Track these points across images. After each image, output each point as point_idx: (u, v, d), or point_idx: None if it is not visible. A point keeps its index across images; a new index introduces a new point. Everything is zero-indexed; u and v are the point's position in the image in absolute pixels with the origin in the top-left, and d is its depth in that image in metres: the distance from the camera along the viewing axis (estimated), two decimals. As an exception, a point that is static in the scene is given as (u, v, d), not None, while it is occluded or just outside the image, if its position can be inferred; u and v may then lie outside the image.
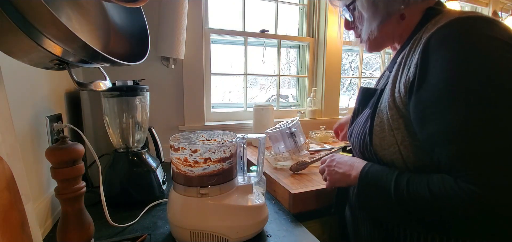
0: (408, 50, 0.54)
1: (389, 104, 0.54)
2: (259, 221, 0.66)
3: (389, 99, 0.54)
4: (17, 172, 0.42)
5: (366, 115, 0.62)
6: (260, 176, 0.71)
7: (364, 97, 0.67)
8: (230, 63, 1.57)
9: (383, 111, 0.55)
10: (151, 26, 0.58)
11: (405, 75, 0.52)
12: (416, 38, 0.54)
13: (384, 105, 0.55)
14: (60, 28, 0.33)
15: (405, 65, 0.53)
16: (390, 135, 0.53)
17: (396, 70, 0.55)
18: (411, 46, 0.54)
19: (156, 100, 1.24)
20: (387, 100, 0.54)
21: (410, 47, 0.54)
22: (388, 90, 0.55)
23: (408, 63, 0.52)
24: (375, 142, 0.56)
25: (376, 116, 0.57)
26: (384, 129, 0.55)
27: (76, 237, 0.54)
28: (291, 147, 1.01)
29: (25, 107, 0.64)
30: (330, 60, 1.61)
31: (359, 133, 0.62)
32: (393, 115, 0.53)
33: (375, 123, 0.57)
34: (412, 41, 0.54)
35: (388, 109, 0.54)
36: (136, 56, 0.54)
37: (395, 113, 0.53)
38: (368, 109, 0.62)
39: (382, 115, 0.55)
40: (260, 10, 1.57)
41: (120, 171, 0.81)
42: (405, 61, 0.54)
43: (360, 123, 0.63)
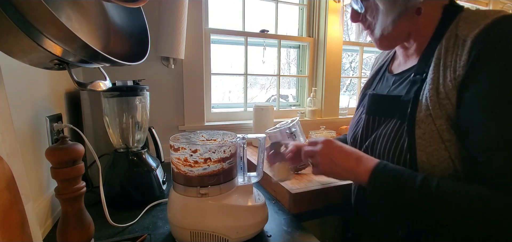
0: (444, 50, 0.50)
1: (435, 113, 0.48)
2: (259, 221, 0.66)
3: (435, 106, 0.48)
4: (17, 172, 0.42)
5: (393, 127, 0.55)
6: (260, 175, 0.71)
7: (380, 106, 0.61)
8: (230, 63, 1.57)
9: (425, 121, 0.49)
10: (151, 26, 0.58)
11: (451, 77, 0.47)
12: (449, 35, 0.50)
13: (425, 114, 0.49)
14: (60, 28, 0.33)
15: (447, 66, 0.48)
16: (441, 148, 0.47)
17: (434, 72, 0.50)
18: (447, 45, 0.49)
19: (156, 100, 1.24)
20: (432, 108, 0.48)
21: (446, 46, 0.49)
22: (428, 97, 0.49)
23: (451, 64, 0.48)
24: (421, 158, 0.49)
25: (417, 128, 0.50)
26: (431, 142, 0.48)
27: (76, 237, 0.54)
28: (291, 147, 1.01)
29: (25, 107, 0.64)
30: (330, 60, 1.61)
31: (390, 148, 0.54)
32: (442, 125, 0.47)
33: (417, 135, 0.49)
34: (445, 39, 0.50)
35: (434, 118, 0.48)
36: (136, 56, 0.54)
37: (444, 122, 0.47)
38: (394, 120, 0.55)
39: (426, 126, 0.49)
40: (260, 10, 1.57)
41: (120, 171, 0.81)
42: (445, 61, 0.49)
43: (385, 136, 0.56)
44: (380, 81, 0.69)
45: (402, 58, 0.64)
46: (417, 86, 0.53)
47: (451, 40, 0.49)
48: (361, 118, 0.66)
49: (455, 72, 0.47)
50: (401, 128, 0.53)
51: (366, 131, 0.63)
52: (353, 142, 0.67)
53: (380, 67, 0.73)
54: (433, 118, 0.48)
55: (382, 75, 0.70)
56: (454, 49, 0.48)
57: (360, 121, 0.67)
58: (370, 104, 0.64)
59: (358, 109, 0.73)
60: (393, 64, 0.69)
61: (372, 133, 0.61)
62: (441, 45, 0.51)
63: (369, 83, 0.74)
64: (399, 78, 0.61)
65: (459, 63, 0.46)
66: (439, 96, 0.48)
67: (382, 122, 0.59)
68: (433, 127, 0.48)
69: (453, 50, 0.48)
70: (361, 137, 0.64)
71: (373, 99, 0.64)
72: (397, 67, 0.66)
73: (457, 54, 0.47)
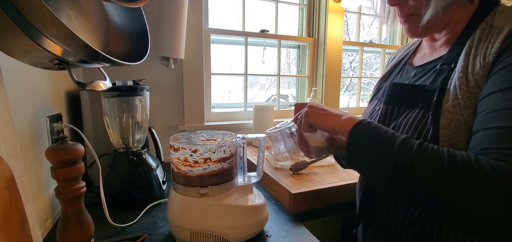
0: (477, 38, 0.48)
1: (465, 102, 0.45)
2: (259, 221, 0.66)
3: (464, 95, 0.46)
4: (17, 172, 0.42)
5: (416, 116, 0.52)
6: (260, 175, 0.71)
7: (402, 95, 0.58)
8: (230, 63, 1.57)
9: (453, 111, 0.46)
10: (151, 26, 0.58)
11: (481, 64, 0.45)
12: (484, 26, 0.48)
13: (452, 103, 0.47)
14: (60, 28, 0.33)
15: (478, 54, 0.46)
16: (466, 139, 0.45)
17: (465, 60, 0.48)
18: (481, 35, 0.48)
19: (156, 100, 1.24)
20: (461, 97, 0.46)
21: (480, 36, 0.48)
22: (457, 85, 0.47)
23: (482, 52, 0.46)
24: None
25: (442, 118, 0.47)
26: (457, 133, 0.45)
27: (76, 237, 0.54)
28: (291, 147, 1.01)
29: (25, 107, 0.64)
30: (330, 60, 1.61)
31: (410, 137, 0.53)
32: (470, 116, 0.45)
33: (441, 126, 0.47)
34: (479, 29, 0.48)
35: (462, 108, 0.45)
36: (136, 56, 0.54)
37: (472, 112, 0.45)
38: (416, 109, 0.53)
39: (452, 116, 0.46)
40: (260, 10, 1.57)
41: (120, 171, 0.81)
42: (476, 49, 0.47)
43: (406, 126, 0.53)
44: (399, 74, 0.66)
45: (428, 50, 0.61)
46: (444, 76, 0.50)
47: (486, 30, 0.48)
48: (376, 110, 0.63)
49: (485, 59, 0.45)
50: (425, 117, 0.50)
51: (383, 120, 0.59)
52: None
53: (399, 61, 0.70)
54: (462, 108, 0.45)
55: (401, 68, 0.67)
56: (488, 38, 0.47)
57: (374, 112, 0.64)
58: (389, 94, 0.60)
59: (371, 102, 0.70)
60: (415, 57, 0.66)
61: (391, 122, 0.57)
62: (474, 35, 0.49)
63: (386, 77, 0.70)
64: (422, 70, 0.58)
65: (490, 50, 0.45)
66: (468, 84, 0.46)
67: (402, 112, 0.56)
68: (460, 117, 0.45)
69: (486, 39, 0.47)
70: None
71: (394, 88, 0.60)
72: (420, 60, 0.63)
73: (490, 42, 0.46)
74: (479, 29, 0.49)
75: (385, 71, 0.72)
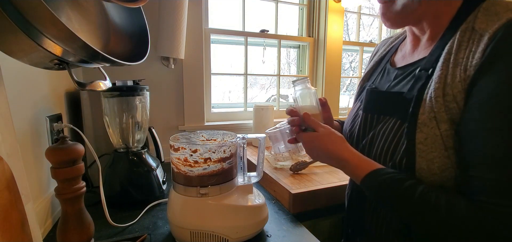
0: (457, 43, 0.44)
1: (441, 116, 0.42)
2: (259, 221, 0.66)
3: (440, 109, 0.43)
4: (17, 172, 0.42)
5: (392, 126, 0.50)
6: (260, 175, 0.71)
7: (379, 102, 0.56)
8: (230, 63, 1.57)
9: (429, 124, 0.44)
10: (151, 26, 0.58)
11: (460, 77, 0.41)
12: (465, 28, 0.44)
13: (428, 116, 0.44)
14: (60, 28, 0.33)
15: (458, 64, 0.43)
16: (444, 156, 0.42)
17: (443, 69, 0.44)
18: (462, 38, 0.44)
19: (156, 100, 1.24)
20: (437, 111, 0.43)
21: (460, 40, 0.44)
22: (432, 96, 0.44)
23: (462, 62, 0.42)
24: (421, 165, 0.44)
25: (418, 132, 0.44)
26: (433, 148, 0.43)
27: (76, 237, 0.54)
28: (291, 147, 1.01)
29: (25, 107, 0.64)
30: (330, 60, 1.61)
31: (387, 150, 0.50)
32: (447, 130, 0.42)
33: (417, 140, 0.44)
34: (460, 31, 0.44)
35: (438, 122, 0.43)
36: (136, 56, 0.54)
37: (449, 127, 0.42)
38: (393, 119, 0.51)
39: (429, 130, 0.43)
40: (260, 10, 1.57)
41: (120, 171, 0.81)
42: (456, 58, 0.43)
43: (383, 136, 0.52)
44: (380, 75, 0.63)
45: (410, 49, 0.58)
46: (421, 83, 0.47)
47: (466, 34, 0.44)
48: (358, 115, 0.62)
49: (466, 71, 0.41)
50: (401, 129, 0.48)
51: (363, 129, 0.59)
52: (350, 139, 0.64)
53: (381, 58, 0.67)
54: (438, 122, 0.43)
55: (383, 67, 0.64)
56: (468, 44, 0.43)
57: (357, 117, 0.63)
58: (367, 101, 0.59)
59: (355, 103, 0.69)
60: (396, 56, 0.63)
61: (369, 131, 0.57)
62: (454, 39, 0.45)
63: (368, 76, 0.68)
64: (402, 73, 0.55)
65: (471, 61, 0.41)
66: (445, 98, 0.42)
67: (381, 120, 0.54)
68: (436, 132, 0.43)
69: (466, 45, 0.43)
70: (358, 135, 0.60)
71: (371, 95, 0.58)
72: (401, 59, 0.60)
73: (470, 50, 0.42)
74: (460, 32, 0.44)
75: (367, 68, 0.70)
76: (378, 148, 0.53)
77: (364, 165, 0.51)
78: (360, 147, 0.59)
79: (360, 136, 0.60)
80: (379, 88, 0.60)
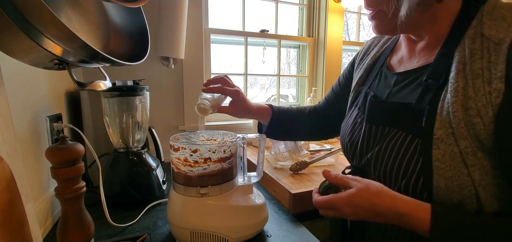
0: (469, 53, 0.42)
1: (460, 132, 0.40)
2: (259, 221, 0.66)
3: (459, 124, 0.40)
4: (17, 172, 0.42)
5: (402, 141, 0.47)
6: (260, 175, 0.71)
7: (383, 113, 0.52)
8: (230, 63, 1.57)
9: (446, 141, 0.41)
10: (151, 26, 0.58)
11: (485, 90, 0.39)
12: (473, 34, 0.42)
13: (446, 132, 0.41)
14: (60, 28, 0.33)
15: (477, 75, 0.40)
16: (464, 173, 0.40)
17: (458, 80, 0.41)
18: (472, 47, 0.42)
19: (156, 100, 1.24)
20: (455, 126, 0.40)
21: (471, 49, 0.42)
22: (450, 111, 0.41)
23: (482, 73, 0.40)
24: (438, 184, 0.42)
25: (435, 148, 0.42)
26: (452, 166, 0.41)
27: (76, 237, 0.54)
28: (291, 147, 1.01)
29: (25, 107, 0.64)
30: (330, 60, 1.61)
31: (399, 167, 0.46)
32: (467, 148, 0.40)
33: (434, 157, 0.42)
34: (467, 38, 0.43)
35: (457, 139, 0.40)
36: (136, 56, 0.54)
37: (470, 144, 0.40)
38: (403, 133, 0.47)
39: (446, 146, 0.41)
40: (260, 10, 1.57)
41: (120, 171, 0.81)
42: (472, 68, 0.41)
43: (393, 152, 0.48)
44: (377, 79, 0.60)
45: (407, 53, 0.56)
46: (432, 95, 0.44)
47: (477, 41, 0.42)
48: (358, 123, 0.58)
49: (490, 84, 0.39)
50: (413, 144, 0.45)
51: (367, 141, 0.54)
52: (350, 148, 0.59)
53: (375, 61, 0.64)
54: (457, 139, 0.40)
55: (379, 71, 0.61)
56: (484, 54, 0.41)
57: (356, 126, 0.59)
58: (371, 111, 0.55)
59: (351, 109, 0.65)
60: (392, 59, 0.60)
61: (375, 144, 0.52)
62: (463, 46, 0.43)
63: (363, 80, 0.64)
64: (403, 79, 0.53)
65: (494, 73, 0.39)
66: (467, 112, 0.40)
67: (388, 133, 0.50)
68: (455, 148, 0.40)
69: (482, 54, 0.41)
70: (361, 147, 0.56)
71: (374, 105, 0.55)
72: (398, 64, 0.58)
73: (489, 61, 0.40)
74: (468, 39, 0.43)
75: (361, 71, 0.66)
76: (388, 164, 0.49)
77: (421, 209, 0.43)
78: (365, 160, 0.55)
79: (364, 148, 0.55)
80: (377, 94, 0.57)
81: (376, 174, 0.51)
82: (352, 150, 0.59)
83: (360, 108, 0.60)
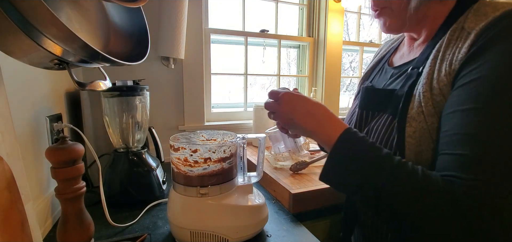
0: (446, 42, 0.46)
1: (428, 110, 0.44)
2: (259, 221, 0.66)
3: (427, 103, 0.45)
4: (17, 171, 0.42)
5: (384, 122, 0.52)
6: (260, 175, 0.71)
7: (374, 99, 0.58)
8: (230, 63, 1.57)
9: (417, 118, 0.46)
10: (151, 26, 0.58)
11: (446, 71, 0.44)
12: (455, 28, 0.46)
13: (417, 111, 0.46)
14: (60, 28, 0.33)
15: (444, 60, 0.45)
16: (431, 148, 0.45)
17: (431, 65, 0.46)
18: (451, 37, 0.46)
19: (156, 100, 1.24)
20: (424, 105, 0.45)
21: (449, 39, 0.46)
22: (421, 92, 0.46)
23: (448, 57, 0.44)
24: (409, 158, 0.46)
25: (407, 126, 0.47)
26: (421, 141, 0.45)
27: (76, 237, 0.54)
28: (291, 146, 1.01)
29: (25, 107, 0.64)
30: (330, 60, 1.61)
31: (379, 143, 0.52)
32: (433, 124, 0.44)
33: (406, 134, 0.47)
34: (450, 31, 0.46)
35: (426, 116, 0.45)
36: (136, 56, 0.54)
37: (436, 120, 0.44)
38: (386, 115, 0.53)
39: (417, 124, 0.46)
40: (260, 10, 1.57)
41: (120, 171, 0.81)
42: (443, 54, 0.45)
43: (376, 132, 0.53)
44: (378, 74, 0.65)
45: (407, 49, 0.60)
46: (412, 81, 0.49)
47: (456, 33, 0.46)
48: (355, 112, 0.64)
49: (451, 66, 0.43)
50: (392, 124, 0.50)
51: (359, 125, 0.60)
52: None
53: (380, 59, 0.69)
54: (425, 116, 0.45)
55: (381, 67, 0.66)
56: (456, 42, 0.45)
57: (354, 114, 0.65)
58: (363, 98, 0.61)
59: (354, 101, 0.71)
60: (395, 56, 0.65)
61: (365, 127, 0.58)
62: (444, 38, 0.47)
63: (367, 76, 0.70)
64: (398, 72, 0.58)
65: (457, 56, 0.43)
66: (432, 92, 0.45)
67: (375, 116, 0.56)
68: (424, 125, 0.45)
69: (455, 42, 0.45)
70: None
71: (367, 92, 0.61)
72: (398, 59, 0.63)
73: (457, 47, 0.44)
74: (450, 31, 0.47)
75: (367, 68, 0.72)
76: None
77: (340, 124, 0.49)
78: None
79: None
80: (375, 86, 0.62)
81: None
82: None
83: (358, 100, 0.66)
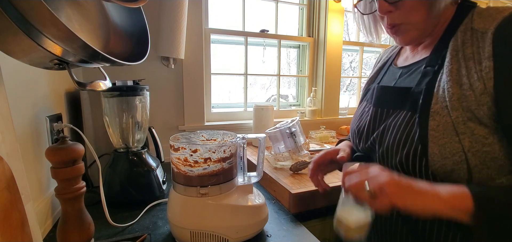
0: (461, 42, 0.50)
1: (453, 105, 0.47)
2: (259, 221, 0.66)
3: (452, 97, 0.48)
4: (17, 171, 0.42)
5: (404, 118, 0.54)
6: (260, 175, 0.71)
7: (389, 97, 0.60)
8: (230, 63, 1.57)
9: (441, 113, 0.48)
10: (151, 26, 0.58)
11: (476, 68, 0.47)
12: (464, 29, 0.51)
13: (441, 106, 0.49)
14: (60, 28, 0.33)
15: (468, 58, 0.48)
16: (455, 140, 0.47)
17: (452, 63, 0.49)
18: (464, 37, 0.50)
19: (156, 100, 1.24)
20: (449, 99, 0.48)
21: (463, 39, 0.50)
22: (446, 88, 0.49)
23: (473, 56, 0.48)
24: (433, 150, 0.48)
25: (431, 120, 0.49)
26: (445, 134, 0.47)
27: (76, 237, 0.54)
28: (291, 146, 1.01)
29: (25, 107, 0.64)
30: (330, 60, 1.61)
31: (400, 139, 0.53)
32: (458, 118, 0.47)
33: (430, 127, 0.49)
34: (459, 32, 0.51)
35: (450, 110, 0.47)
36: (136, 56, 0.54)
37: (461, 114, 0.47)
38: (404, 111, 0.55)
39: (441, 118, 0.48)
40: (260, 10, 1.57)
41: (120, 171, 0.81)
42: (464, 53, 0.49)
43: (395, 127, 0.55)
44: (385, 75, 0.68)
45: (410, 53, 0.64)
46: (429, 78, 0.53)
47: (467, 33, 0.50)
48: (365, 111, 0.66)
49: (481, 63, 0.47)
50: (412, 119, 0.52)
51: (373, 122, 0.62)
52: (358, 133, 0.66)
53: (384, 63, 0.73)
54: (449, 110, 0.48)
55: (387, 69, 0.69)
56: (473, 41, 0.49)
57: (364, 114, 0.66)
58: (378, 96, 0.63)
59: (361, 103, 0.72)
60: (398, 59, 0.69)
61: (381, 124, 0.60)
62: (456, 38, 0.51)
63: (373, 78, 0.73)
64: (407, 71, 0.61)
65: (483, 54, 0.47)
66: (462, 87, 0.47)
67: (391, 114, 0.58)
68: (448, 119, 0.47)
69: (471, 42, 0.49)
70: (367, 129, 0.63)
71: (381, 91, 0.63)
72: (403, 61, 0.66)
73: (478, 46, 0.48)
74: (460, 32, 0.51)
75: (372, 73, 0.75)
76: (390, 138, 0.56)
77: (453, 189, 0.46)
78: (371, 140, 0.61)
79: (370, 129, 0.62)
80: (385, 85, 0.65)
81: (380, 151, 0.58)
82: (359, 133, 0.65)
83: (368, 100, 0.68)
